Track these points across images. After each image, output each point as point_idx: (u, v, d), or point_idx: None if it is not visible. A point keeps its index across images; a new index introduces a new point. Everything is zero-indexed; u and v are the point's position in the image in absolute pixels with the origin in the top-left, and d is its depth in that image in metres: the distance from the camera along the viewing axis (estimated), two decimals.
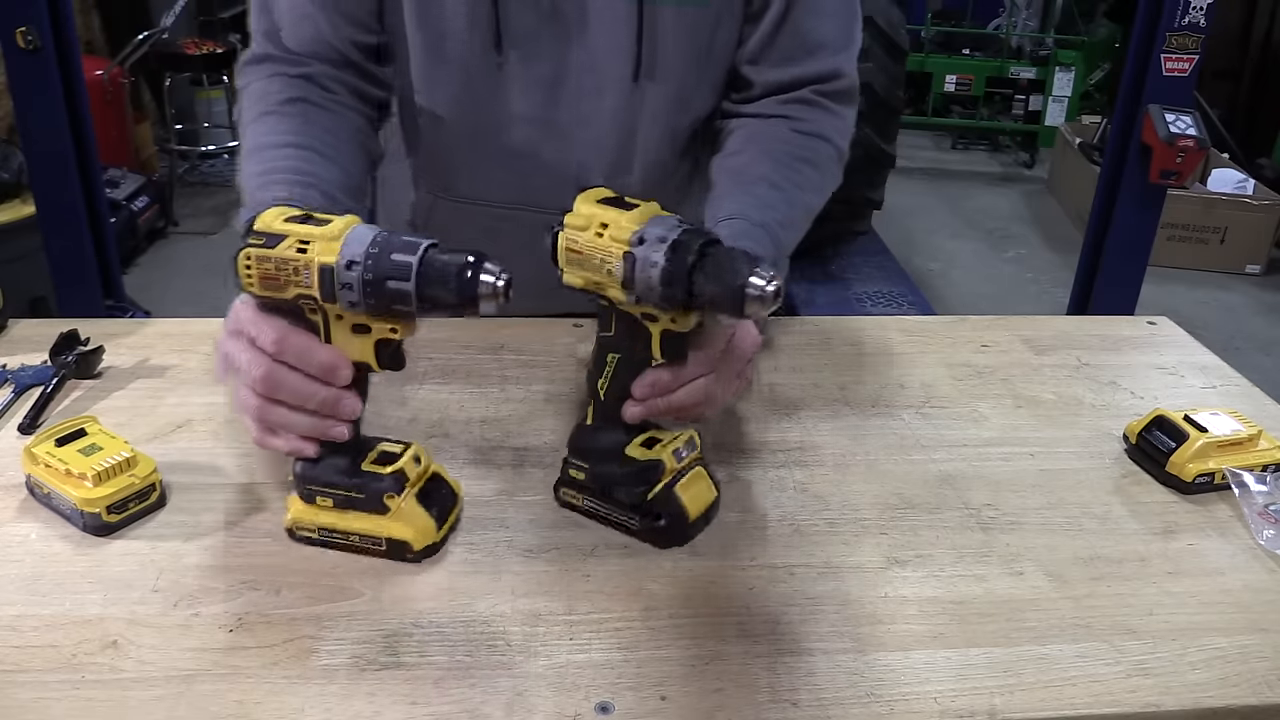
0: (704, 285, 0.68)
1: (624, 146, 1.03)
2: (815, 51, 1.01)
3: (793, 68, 1.01)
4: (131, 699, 0.62)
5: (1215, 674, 0.67)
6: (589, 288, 0.73)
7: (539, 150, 1.02)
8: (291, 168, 0.86)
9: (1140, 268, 2.71)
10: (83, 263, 2.62)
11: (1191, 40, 2.46)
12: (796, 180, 0.97)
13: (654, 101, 1.01)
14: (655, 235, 0.70)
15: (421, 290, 0.67)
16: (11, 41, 2.36)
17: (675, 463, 0.77)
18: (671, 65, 0.99)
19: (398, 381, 0.99)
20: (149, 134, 4.65)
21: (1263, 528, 0.82)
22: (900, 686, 0.65)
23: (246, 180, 0.87)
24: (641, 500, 0.76)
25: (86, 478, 0.75)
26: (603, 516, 0.79)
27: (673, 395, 0.77)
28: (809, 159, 0.99)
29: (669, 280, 0.69)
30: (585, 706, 0.62)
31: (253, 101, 0.94)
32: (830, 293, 3.51)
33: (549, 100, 1.00)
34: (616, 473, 0.77)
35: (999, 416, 0.99)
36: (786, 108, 1.02)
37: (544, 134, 1.02)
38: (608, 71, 0.99)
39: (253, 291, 0.70)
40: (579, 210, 0.73)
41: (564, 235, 0.73)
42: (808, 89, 1.02)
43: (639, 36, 0.96)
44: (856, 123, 1.10)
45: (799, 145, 0.99)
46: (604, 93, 1.00)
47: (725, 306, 0.69)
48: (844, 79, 1.04)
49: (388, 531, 0.74)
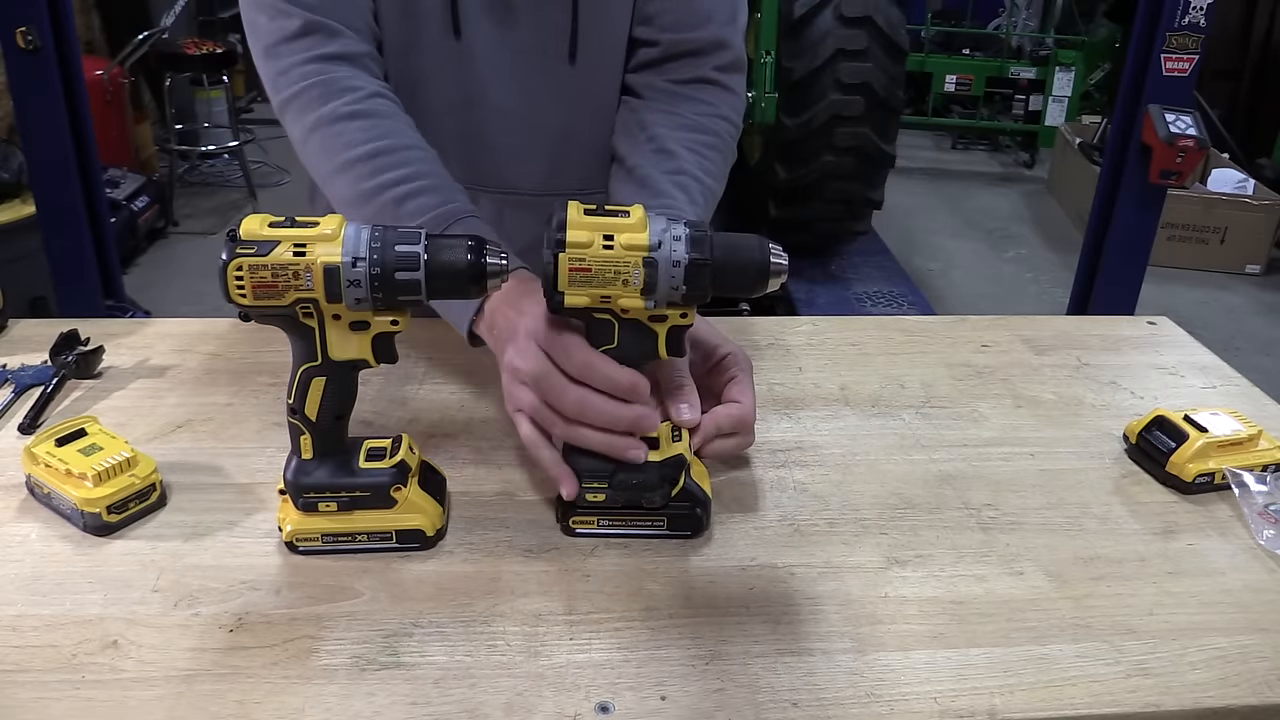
0: (727, 270, 0.71)
1: (565, 126, 1.07)
2: (703, 23, 1.06)
3: (684, 33, 1.05)
4: (131, 699, 0.62)
5: (1215, 674, 0.67)
6: (594, 304, 0.72)
7: (484, 132, 1.06)
8: (432, 172, 0.92)
9: (1140, 268, 2.71)
10: (83, 263, 2.62)
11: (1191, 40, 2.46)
12: (709, 169, 1.02)
13: (586, 80, 1.06)
14: (669, 235, 0.70)
15: (431, 278, 0.68)
16: (11, 41, 2.36)
17: (689, 453, 0.78)
18: (603, 43, 1.05)
19: (398, 381, 0.99)
20: (149, 134, 4.66)
21: (1263, 528, 0.82)
22: (900, 686, 0.65)
23: (379, 192, 0.90)
24: (669, 499, 0.77)
25: (87, 478, 0.75)
26: (624, 534, 0.78)
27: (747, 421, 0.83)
28: (717, 146, 1.05)
29: (695, 275, 0.70)
30: (585, 706, 0.62)
31: (316, 101, 0.94)
32: (830, 293, 3.51)
33: (491, 82, 1.03)
34: (645, 479, 0.76)
35: (999, 416, 0.99)
36: (690, 88, 1.06)
37: (486, 117, 1.05)
38: (547, 52, 1.03)
39: (243, 302, 0.68)
40: (577, 228, 0.70)
41: (566, 257, 0.70)
42: (708, 67, 1.06)
43: (574, 15, 1.02)
44: (856, 123, 1.14)
45: (708, 131, 1.04)
46: (544, 73, 1.04)
47: (749, 286, 0.72)
48: (733, 50, 1.08)
49: (398, 523, 0.75)
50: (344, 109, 0.93)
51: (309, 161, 0.97)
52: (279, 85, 0.96)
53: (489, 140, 1.06)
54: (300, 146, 0.97)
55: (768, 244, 0.72)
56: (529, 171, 1.09)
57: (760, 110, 3.37)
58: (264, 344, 1.05)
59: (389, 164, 0.91)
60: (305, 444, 0.73)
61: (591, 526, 0.78)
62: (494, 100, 1.04)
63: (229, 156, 4.84)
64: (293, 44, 0.95)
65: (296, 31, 0.94)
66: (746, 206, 3.79)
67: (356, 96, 0.94)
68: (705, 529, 0.79)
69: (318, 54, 0.94)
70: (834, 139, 3.33)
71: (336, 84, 0.94)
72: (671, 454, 0.77)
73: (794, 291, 3.44)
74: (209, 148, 4.74)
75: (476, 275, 0.69)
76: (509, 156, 1.08)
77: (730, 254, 0.71)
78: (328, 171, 0.94)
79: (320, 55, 0.94)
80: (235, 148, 4.71)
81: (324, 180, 0.95)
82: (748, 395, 0.84)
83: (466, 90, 1.03)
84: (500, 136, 1.06)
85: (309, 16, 0.94)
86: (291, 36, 0.95)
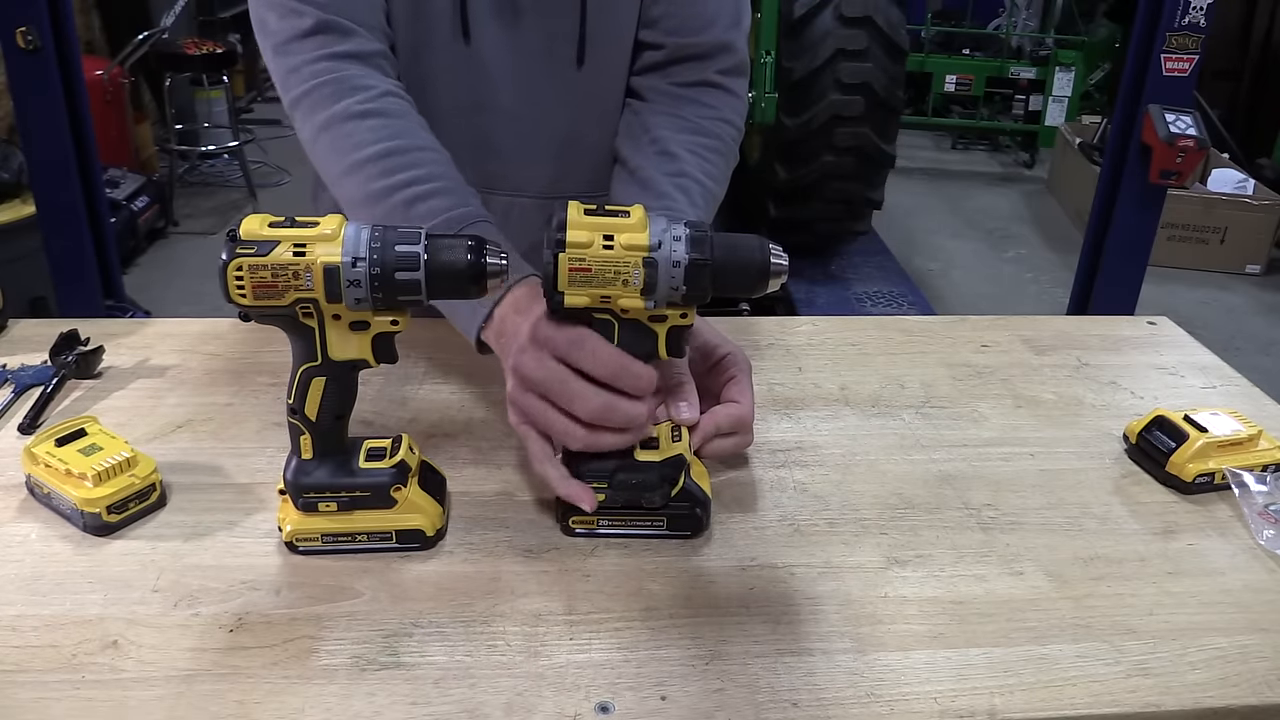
0: (727, 270, 0.71)
1: (571, 129, 1.07)
2: (707, 27, 1.06)
3: (688, 37, 1.05)
4: (131, 699, 0.62)
5: (1215, 674, 0.67)
6: (594, 304, 0.72)
7: (492, 135, 1.05)
8: (445, 174, 0.92)
9: (1140, 268, 2.71)
10: (83, 263, 2.62)
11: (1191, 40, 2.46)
12: (711, 172, 1.02)
13: (592, 84, 1.06)
14: (669, 235, 0.70)
15: (431, 278, 0.68)
16: (11, 41, 2.36)
17: (689, 453, 0.78)
18: (610, 47, 1.04)
19: (398, 381, 0.99)
20: (149, 134, 4.65)
21: (1263, 528, 0.82)
22: (900, 686, 0.65)
23: (389, 193, 0.89)
24: (669, 499, 0.77)
25: (87, 478, 0.75)
26: (624, 533, 0.78)
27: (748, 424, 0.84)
28: (719, 149, 1.05)
29: (695, 275, 0.70)
30: (585, 706, 0.62)
31: (328, 99, 0.93)
32: (830, 293, 3.51)
33: (500, 85, 1.03)
34: (645, 479, 0.76)
35: (999, 416, 0.99)
36: (694, 91, 1.06)
37: (494, 120, 1.05)
38: (554, 56, 1.03)
39: (243, 302, 0.68)
40: (577, 228, 0.70)
41: (566, 256, 0.70)
42: (711, 71, 1.06)
43: (582, 19, 1.01)
44: (856, 123, 1.14)
45: (710, 134, 1.04)
46: (551, 77, 1.03)
47: (749, 286, 0.72)
48: (737, 54, 1.08)
49: (398, 523, 0.75)
50: (356, 108, 0.92)
51: (318, 161, 0.96)
52: (289, 83, 0.95)
53: (496, 143, 1.06)
54: (310, 146, 0.95)
55: (768, 244, 0.72)
56: (536, 174, 1.09)
57: (760, 110, 3.37)
58: (264, 344, 1.05)
59: (400, 164, 0.90)
60: (305, 444, 0.73)
61: (591, 526, 0.78)
62: (502, 103, 1.04)
63: (229, 156, 4.83)
64: (304, 42, 0.94)
65: (308, 30, 0.94)
66: (746, 206, 3.79)
67: (368, 95, 0.93)
68: (705, 529, 0.79)
69: (329, 52, 0.94)
70: (834, 139, 3.33)
71: (348, 82, 0.93)
72: (671, 454, 0.77)
73: (794, 291, 3.44)
74: (209, 148, 4.74)
75: (476, 275, 0.69)
76: (516, 159, 1.08)
77: (730, 254, 0.71)
78: (337, 172, 0.93)
79: (332, 54, 0.94)
80: (235, 148, 4.71)
81: (333, 181, 0.94)
82: (746, 395, 0.84)
83: (475, 93, 1.03)
84: (507, 139, 1.06)
85: (321, 15, 0.93)
86: (303, 35, 0.94)
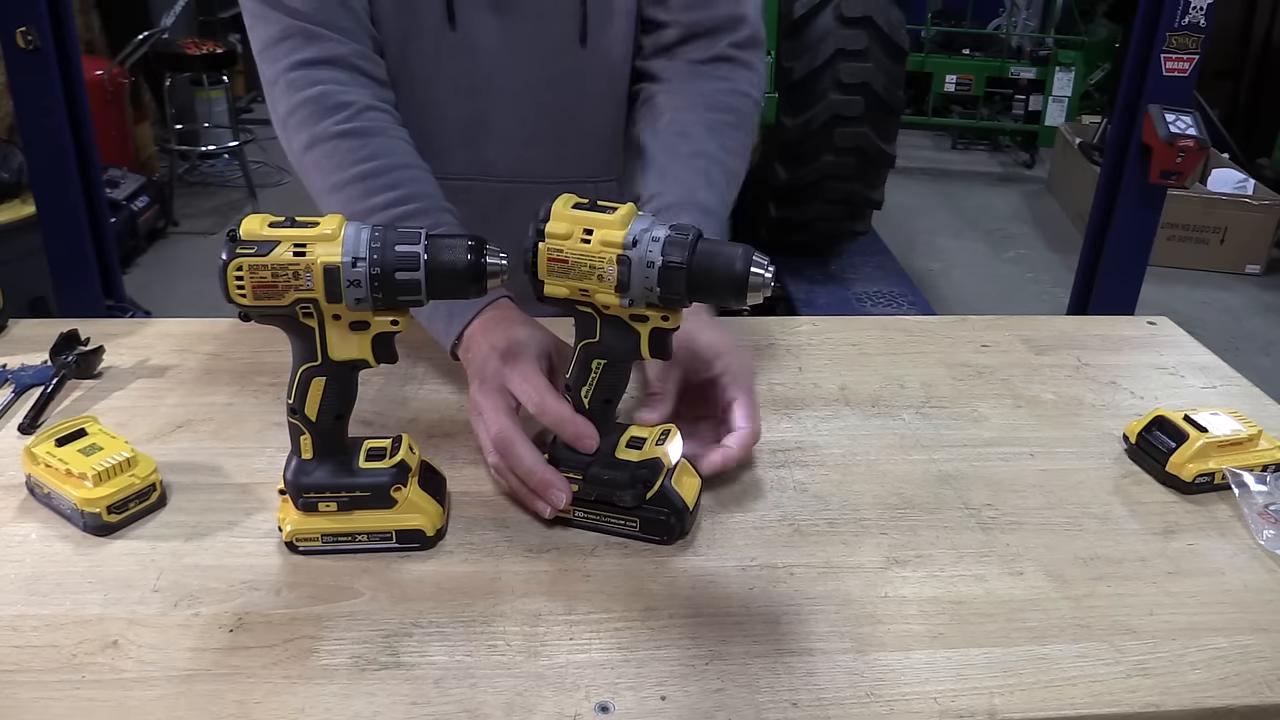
0: (704, 278, 0.70)
1: (572, 110, 1.07)
2: (718, 0, 1.05)
3: (699, 11, 1.05)
4: (131, 699, 0.62)
5: (1215, 674, 0.67)
6: (573, 296, 0.72)
7: (488, 119, 1.05)
8: (422, 193, 0.93)
9: (1140, 268, 2.71)
10: (83, 263, 2.62)
11: (1191, 40, 2.45)
12: (730, 146, 1.01)
13: (596, 61, 1.05)
14: (647, 236, 0.70)
15: (431, 278, 0.68)
16: (11, 41, 2.36)
17: (669, 458, 0.77)
18: (613, 23, 1.04)
19: (398, 381, 0.99)
20: (149, 134, 4.66)
21: (1263, 528, 0.82)
22: (900, 686, 0.65)
23: (368, 215, 0.90)
24: (642, 501, 0.76)
25: (87, 478, 0.75)
26: (598, 526, 0.78)
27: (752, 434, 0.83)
28: (735, 123, 1.03)
29: (669, 278, 0.69)
30: (585, 706, 0.62)
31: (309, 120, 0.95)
32: (830, 293, 3.51)
33: (496, 68, 1.03)
34: (616, 477, 0.76)
35: (999, 416, 0.99)
36: (708, 67, 1.05)
37: (491, 104, 1.04)
38: (554, 35, 1.02)
39: (243, 302, 0.68)
40: (558, 219, 0.71)
41: (545, 246, 0.71)
42: (724, 44, 1.05)
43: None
44: (856, 123, 1.14)
45: (726, 109, 1.04)
46: (552, 57, 1.03)
47: (727, 296, 0.71)
48: (750, 25, 1.07)
49: (398, 523, 0.75)
50: (334, 129, 0.93)
51: (305, 181, 0.98)
52: (273, 97, 0.97)
53: (493, 127, 1.06)
54: (297, 166, 0.98)
55: (753, 255, 0.69)
56: (535, 158, 1.08)
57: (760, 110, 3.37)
58: (264, 344, 1.05)
59: (378, 186, 0.92)
60: (305, 444, 0.73)
61: (568, 514, 0.78)
62: (498, 86, 1.04)
63: (229, 156, 4.84)
64: (273, 50, 0.95)
65: (275, 37, 0.95)
66: (746, 207, 3.78)
67: (348, 114, 0.94)
68: (679, 537, 0.78)
69: (299, 59, 0.95)
70: (834, 139, 3.32)
71: (328, 99, 0.94)
72: (650, 456, 0.76)
73: (794, 291, 3.44)
74: (209, 148, 4.74)
75: (476, 275, 0.70)
76: (515, 143, 1.07)
77: (709, 261, 0.70)
78: (321, 190, 0.95)
79: (300, 61, 0.95)
80: (235, 148, 4.71)
81: (319, 198, 0.97)
82: (752, 418, 0.83)
83: (469, 78, 1.03)
84: (505, 123, 1.06)
85: (286, 21, 0.94)
86: (271, 42, 0.95)
